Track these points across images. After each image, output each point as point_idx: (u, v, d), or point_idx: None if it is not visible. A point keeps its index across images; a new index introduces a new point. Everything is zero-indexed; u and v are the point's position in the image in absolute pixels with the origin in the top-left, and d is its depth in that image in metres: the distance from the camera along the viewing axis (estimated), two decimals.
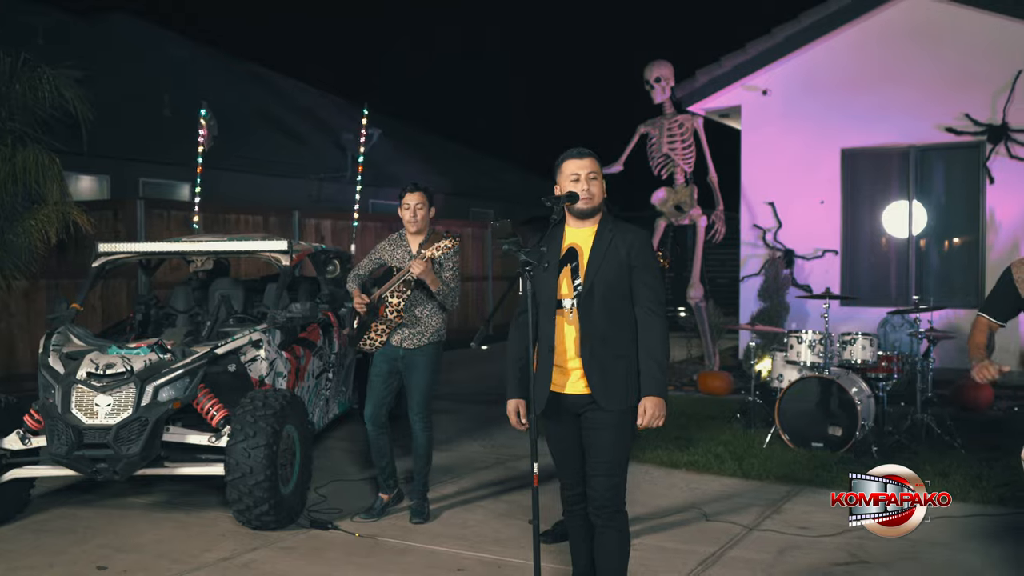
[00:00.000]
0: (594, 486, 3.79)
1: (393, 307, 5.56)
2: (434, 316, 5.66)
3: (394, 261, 5.70)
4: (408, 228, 5.67)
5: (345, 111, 19.98)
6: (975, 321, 4.37)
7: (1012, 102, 9.94)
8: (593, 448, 3.80)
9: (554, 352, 3.82)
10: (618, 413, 3.75)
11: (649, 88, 10.89)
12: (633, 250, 3.79)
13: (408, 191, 5.65)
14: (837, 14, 10.74)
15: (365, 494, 6.24)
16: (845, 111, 10.74)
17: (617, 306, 3.77)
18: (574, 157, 3.87)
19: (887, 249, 10.88)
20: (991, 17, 10.05)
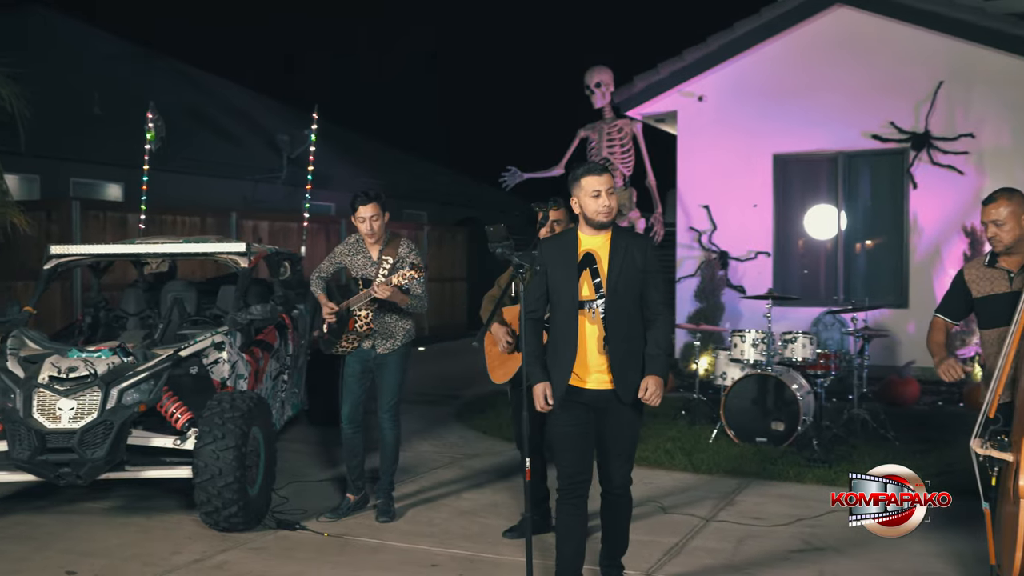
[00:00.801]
0: (615, 470, 4.22)
1: (363, 320, 5.64)
2: (404, 320, 5.76)
3: (354, 267, 5.76)
4: (366, 240, 5.73)
5: (278, 112, 19.82)
6: (932, 322, 4.64)
7: (934, 111, 10.44)
8: (614, 439, 4.18)
9: (577, 350, 4.10)
10: (636, 406, 4.15)
11: (589, 93, 11.10)
12: (647, 256, 4.17)
13: (360, 203, 5.61)
14: (769, 24, 11.13)
15: (326, 495, 6.30)
16: (777, 118, 11.12)
17: (633, 308, 4.14)
18: (595, 173, 4.15)
19: (817, 251, 11.29)
20: (914, 29, 10.54)
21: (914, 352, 10.24)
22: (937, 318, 4.63)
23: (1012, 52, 10.15)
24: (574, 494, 4.17)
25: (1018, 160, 10.24)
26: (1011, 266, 4.32)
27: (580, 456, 4.17)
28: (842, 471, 6.58)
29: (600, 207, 4.10)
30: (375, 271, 5.67)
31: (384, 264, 5.67)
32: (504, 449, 7.69)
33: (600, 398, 4.11)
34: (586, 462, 4.20)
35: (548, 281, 4.20)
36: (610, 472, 4.23)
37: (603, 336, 4.09)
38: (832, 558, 4.95)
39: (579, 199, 4.16)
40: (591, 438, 4.20)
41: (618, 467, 4.21)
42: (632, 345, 4.12)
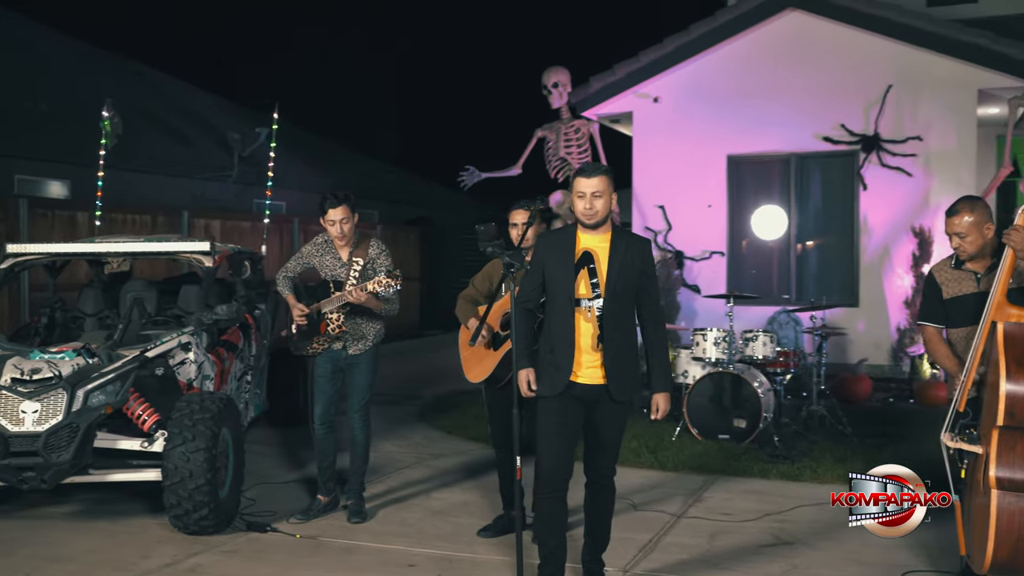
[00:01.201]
0: (602, 462, 4.37)
1: (335, 322, 5.61)
2: (375, 322, 5.75)
3: (323, 267, 5.73)
4: (336, 242, 5.70)
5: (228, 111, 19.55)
6: (926, 335, 4.66)
7: (883, 114, 10.66)
8: (602, 432, 4.30)
9: (573, 344, 4.19)
10: (625, 403, 4.29)
11: (547, 93, 11.15)
12: (645, 258, 4.29)
13: (330, 205, 5.57)
14: (724, 27, 11.27)
15: (293, 496, 6.25)
16: (731, 119, 11.27)
17: (628, 308, 4.27)
18: (584, 176, 4.25)
19: (769, 251, 11.48)
20: (864, 34, 10.76)
21: (865, 350, 10.46)
22: (927, 327, 4.64)
23: (957, 57, 10.41)
24: (556, 488, 4.25)
25: (963, 162, 10.51)
26: (978, 267, 4.44)
27: (564, 451, 4.26)
28: (804, 467, 6.73)
29: (583, 208, 4.22)
30: (345, 273, 5.64)
31: (355, 266, 5.64)
32: (469, 448, 7.70)
33: (591, 392, 4.22)
34: (569, 457, 4.29)
35: (545, 275, 4.31)
36: (596, 462, 4.37)
37: (598, 334, 4.19)
38: (803, 552, 5.05)
39: (572, 200, 4.29)
40: (577, 434, 4.31)
41: (604, 458, 4.37)
42: (626, 343, 4.25)
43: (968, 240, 4.32)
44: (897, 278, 10.66)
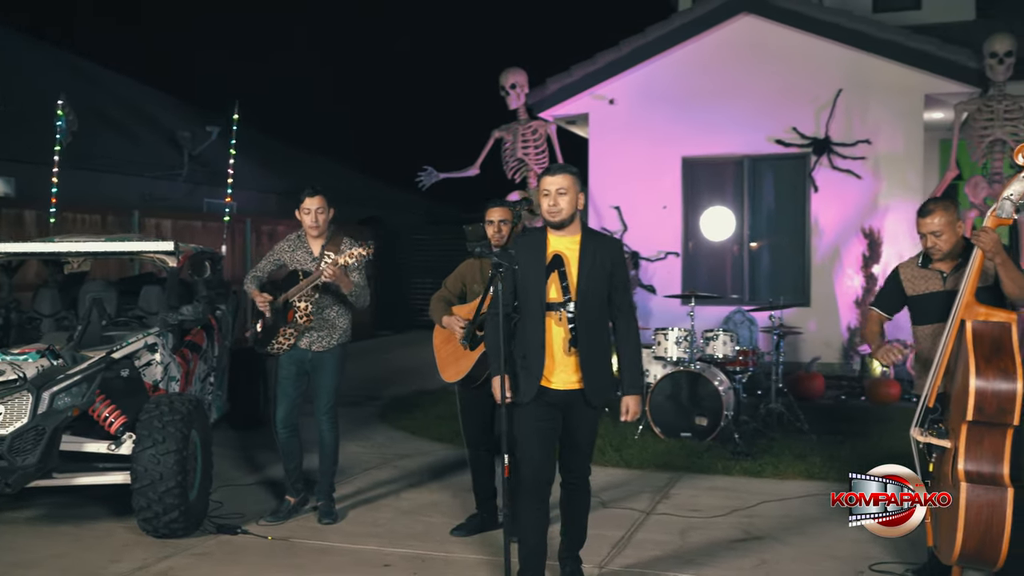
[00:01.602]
0: (577, 463, 4.37)
1: (302, 311, 5.57)
2: (342, 317, 5.72)
3: (294, 263, 5.70)
4: (309, 232, 5.68)
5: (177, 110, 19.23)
6: (868, 315, 4.90)
7: (833, 118, 10.90)
8: (577, 435, 4.31)
9: (544, 349, 4.18)
10: (600, 407, 4.33)
11: (504, 94, 11.21)
12: (615, 260, 4.27)
13: (307, 195, 5.62)
14: (679, 30, 11.43)
15: (259, 498, 6.21)
16: (685, 121, 11.43)
17: (601, 311, 4.26)
18: (547, 174, 4.25)
19: (723, 251, 11.65)
20: (815, 39, 10.98)
21: (817, 349, 10.69)
22: (872, 311, 4.87)
23: (905, 63, 10.69)
24: (538, 491, 4.23)
25: (910, 165, 10.80)
26: (944, 267, 4.58)
27: (544, 456, 4.24)
28: (766, 463, 6.85)
29: (547, 206, 4.20)
30: (316, 266, 5.61)
31: (326, 258, 5.62)
32: (433, 449, 7.70)
33: (566, 398, 4.23)
34: (549, 461, 4.28)
35: (516, 280, 4.26)
36: (571, 463, 4.38)
37: (570, 339, 4.19)
38: (773, 547, 5.15)
39: (540, 199, 4.24)
40: (555, 437, 4.30)
41: (579, 459, 4.38)
42: (599, 347, 4.26)
43: (943, 238, 4.45)
44: (847, 278, 10.90)
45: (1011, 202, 4.08)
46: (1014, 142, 9.64)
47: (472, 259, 5.58)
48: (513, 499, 5.22)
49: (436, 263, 18.47)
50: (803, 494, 6.17)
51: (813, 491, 6.23)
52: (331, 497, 5.79)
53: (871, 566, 4.79)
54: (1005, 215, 4.10)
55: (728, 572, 4.76)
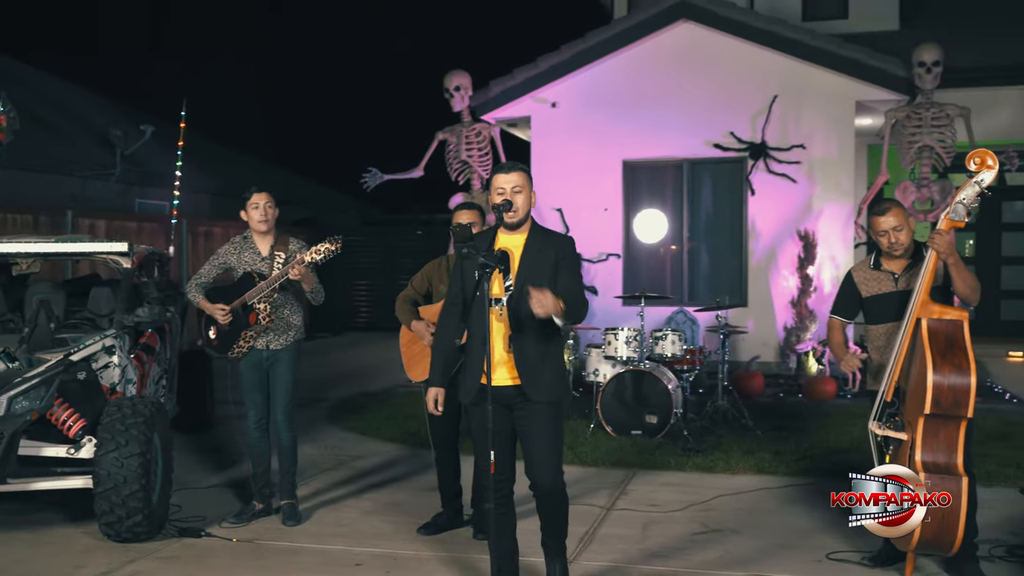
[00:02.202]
0: (539, 469, 4.09)
1: (264, 312, 5.56)
2: (296, 315, 5.75)
3: (242, 264, 5.68)
4: (258, 228, 5.66)
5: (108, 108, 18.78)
6: (830, 324, 5.02)
7: (769, 123, 11.22)
8: (528, 438, 4.10)
9: (486, 346, 4.04)
10: (548, 404, 4.09)
11: (449, 96, 11.27)
12: (562, 254, 4.14)
13: (254, 191, 5.64)
14: (620, 35, 11.63)
15: (217, 501, 6.16)
16: (626, 125, 11.63)
17: None
18: (501, 172, 4.19)
19: (663, 253, 11.89)
20: (752, 47, 11.29)
21: (755, 348, 10.98)
22: (834, 319, 4.99)
23: (838, 71, 11.06)
24: (498, 492, 4.12)
25: (843, 170, 11.17)
26: (896, 268, 4.78)
27: (499, 455, 4.05)
28: (717, 459, 7.04)
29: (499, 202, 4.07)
30: (268, 266, 5.60)
31: (277, 259, 5.63)
32: (386, 449, 7.72)
33: (506, 395, 4.06)
34: (505, 461, 4.13)
35: (463, 278, 4.18)
36: (534, 471, 4.12)
37: (508, 334, 4.06)
38: (733, 539, 5.31)
39: (491, 198, 4.16)
40: (508, 436, 4.16)
41: (541, 466, 4.10)
42: (540, 344, 4.07)
43: (903, 233, 4.65)
44: (783, 279, 11.22)
45: (963, 206, 4.30)
46: (941, 148, 10.07)
47: (437, 259, 5.65)
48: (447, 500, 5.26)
49: (372, 265, 18.43)
50: (755, 488, 6.36)
51: (765, 485, 6.43)
52: (294, 497, 5.78)
53: (828, 555, 4.98)
54: (958, 218, 4.32)
55: (694, 564, 4.89)
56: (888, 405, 4.52)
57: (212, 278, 5.71)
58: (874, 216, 4.78)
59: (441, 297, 5.42)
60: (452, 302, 4.30)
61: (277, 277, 5.47)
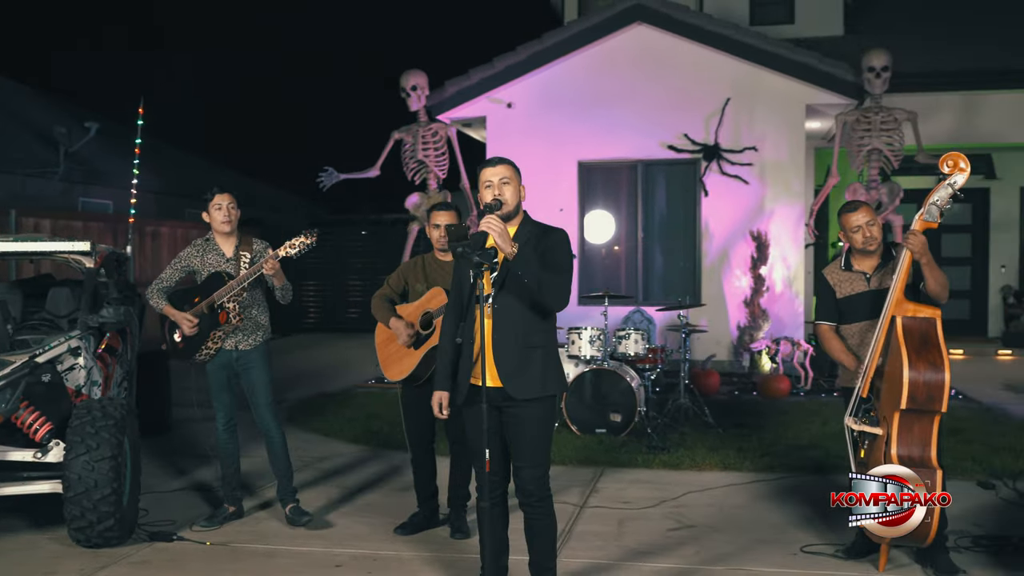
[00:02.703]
0: (520, 476, 4.04)
1: (234, 311, 5.50)
2: (263, 315, 5.72)
3: (205, 266, 5.61)
4: (221, 229, 5.60)
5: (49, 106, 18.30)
6: (821, 332, 5.02)
7: (722, 125, 11.39)
8: (515, 439, 4.05)
9: (475, 347, 4.06)
10: (535, 403, 4.03)
11: (405, 96, 11.23)
12: (550, 245, 4.07)
13: (217, 192, 5.60)
14: (575, 37, 11.70)
15: (184, 504, 6.07)
16: (582, 126, 11.71)
17: (525, 300, 3.99)
18: (487, 166, 4.15)
19: (618, 253, 12.00)
20: (705, 50, 11.45)
21: (709, 347, 11.12)
22: (823, 325, 5.01)
23: (789, 75, 11.27)
24: (493, 492, 4.08)
25: (794, 172, 11.39)
26: (867, 268, 4.90)
27: (492, 458, 4.00)
28: (682, 456, 7.13)
29: (491, 199, 4.04)
30: (235, 266, 5.55)
31: (243, 259, 5.57)
32: (350, 451, 7.68)
33: (495, 396, 3.99)
34: (499, 460, 4.08)
35: (460, 279, 4.16)
36: (520, 478, 4.04)
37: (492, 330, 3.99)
38: (707, 534, 5.38)
39: (480, 194, 4.12)
40: (500, 438, 4.10)
41: (524, 473, 4.03)
42: (525, 340, 3.99)
43: (876, 228, 4.78)
44: (736, 279, 11.40)
45: (936, 207, 4.43)
46: (889, 151, 10.32)
47: (413, 259, 5.64)
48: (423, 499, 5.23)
49: (319, 266, 18.26)
50: (723, 484, 6.46)
51: (732, 481, 6.54)
52: (295, 497, 5.73)
53: (802, 548, 5.07)
54: (931, 219, 4.45)
55: (675, 560, 4.95)
56: (864, 401, 4.62)
57: (175, 282, 5.64)
58: (846, 214, 4.90)
59: (418, 296, 5.43)
60: (453, 304, 4.28)
61: (250, 274, 5.41)
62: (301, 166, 11.36)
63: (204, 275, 5.55)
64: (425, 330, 5.29)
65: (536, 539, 4.13)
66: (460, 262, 4.15)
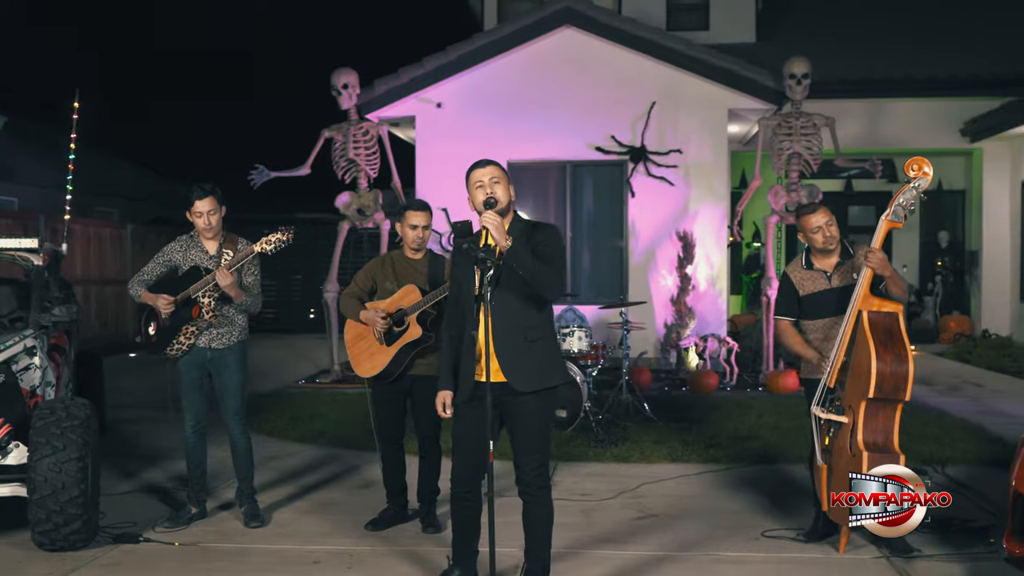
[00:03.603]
0: (522, 466, 4.16)
1: (207, 307, 5.42)
2: (240, 314, 5.62)
3: (187, 262, 5.53)
4: (204, 235, 5.52)
5: None
6: (781, 327, 5.23)
7: (648, 128, 11.68)
8: (518, 430, 4.16)
9: (475, 342, 4.13)
10: (536, 395, 4.12)
11: (336, 94, 11.16)
12: (540, 240, 4.15)
13: (197, 197, 5.42)
14: (505, 39, 11.83)
15: (139, 506, 5.95)
16: (511, 127, 11.84)
17: (529, 294, 4.09)
18: (477, 167, 4.24)
19: None
20: (632, 54, 11.72)
21: (637, 344, 11.34)
22: (782, 321, 5.23)
23: (712, 79, 11.63)
24: (468, 489, 4.23)
25: (717, 174, 11.76)
26: (827, 267, 5.15)
27: (475, 456, 4.15)
28: (629, 450, 7.32)
29: (483, 198, 4.12)
30: (217, 263, 5.47)
31: (225, 256, 5.50)
32: (298, 450, 7.63)
33: (497, 389, 4.03)
34: (480, 461, 4.15)
35: (459, 277, 4.22)
36: (519, 463, 4.17)
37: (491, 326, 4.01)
38: (673, 523, 5.56)
39: (470, 195, 4.20)
40: (485, 437, 4.11)
41: (527, 461, 4.14)
42: (523, 335, 4.09)
43: (833, 228, 5.05)
44: (662, 278, 11.70)
45: (902, 207, 4.69)
46: (809, 155, 10.75)
47: (380, 257, 5.66)
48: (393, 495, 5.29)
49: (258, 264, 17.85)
50: (675, 475, 6.66)
51: (683, 472, 6.75)
52: (254, 500, 5.66)
53: (763, 533, 5.30)
54: (897, 219, 4.71)
55: (650, 547, 5.11)
56: (830, 391, 4.86)
57: (155, 276, 5.53)
58: (805, 216, 5.14)
59: (387, 294, 5.45)
60: (453, 302, 4.34)
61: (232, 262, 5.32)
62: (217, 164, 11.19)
63: (186, 267, 5.46)
64: (398, 327, 5.32)
65: (536, 527, 4.23)
66: (458, 259, 4.23)
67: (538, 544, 4.26)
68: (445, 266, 5.56)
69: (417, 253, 5.48)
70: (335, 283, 11.07)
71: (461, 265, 4.26)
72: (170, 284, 5.52)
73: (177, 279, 5.52)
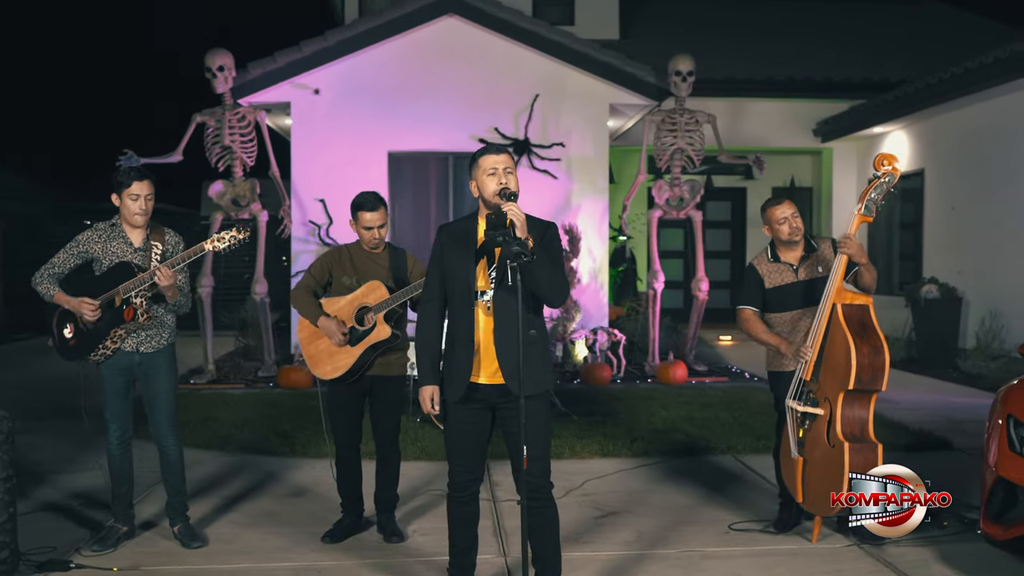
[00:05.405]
0: (527, 469, 3.92)
1: (141, 309, 4.92)
2: (170, 314, 5.16)
3: (107, 254, 5.00)
4: (135, 221, 4.99)
5: None
6: (744, 316, 5.20)
7: (532, 121, 11.61)
8: (513, 436, 3.97)
9: (473, 342, 3.93)
10: (534, 398, 3.93)
11: (211, 77, 10.51)
12: (544, 237, 4.00)
13: (135, 178, 4.93)
14: (386, 25, 11.45)
15: (45, 529, 5.32)
16: (392, 116, 11.49)
17: (531, 294, 3.90)
18: (491, 153, 4.01)
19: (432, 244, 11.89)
20: (515, 46, 11.61)
21: None
22: (746, 310, 5.21)
23: (594, 74, 11.67)
24: (465, 493, 4.08)
25: (598, 168, 11.84)
26: (792, 260, 5.21)
27: (472, 458, 4.04)
28: (561, 447, 7.20)
29: (494, 186, 3.93)
30: (144, 257, 4.97)
31: (154, 250, 5.01)
32: (207, 457, 7.11)
33: (494, 393, 3.95)
34: (478, 464, 4.08)
35: (444, 268, 4.03)
36: (529, 470, 3.92)
37: (493, 327, 3.92)
38: (634, 519, 5.49)
39: (477, 181, 4.00)
40: (485, 439, 4.08)
41: (533, 464, 3.93)
42: (526, 336, 3.81)
43: (798, 219, 5.13)
44: None
45: (873, 202, 4.80)
46: (692, 151, 11.01)
47: (336, 249, 5.34)
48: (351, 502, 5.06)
49: None
50: (614, 470, 6.62)
51: (620, 467, 6.72)
52: (186, 517, 5.18)
53: (731, 526, 5.32)
54: (868, 213, 4.81)
55: (616, 546, 5.04)
56: (805, 384, 4.92)
57: (68, 268, 4.96)
58: (771, 208, 5.20)
59: (344, 289, 5.14)
60: (430, 298, 4.10)
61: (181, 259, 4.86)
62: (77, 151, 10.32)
63: (105, 264, 4.91)
64: (361, 326, 5.01)
65: (546, 528, 4.04)
66: (457, 254, 3.99)
67: (550, 548, 4.08)
68: (407, 259, 5.31)
69: (376, 249, 5.19)
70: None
71: (457, 258, 4.02)
72: (80, 280, 4.98)
73: (90, 274, 4.98)
